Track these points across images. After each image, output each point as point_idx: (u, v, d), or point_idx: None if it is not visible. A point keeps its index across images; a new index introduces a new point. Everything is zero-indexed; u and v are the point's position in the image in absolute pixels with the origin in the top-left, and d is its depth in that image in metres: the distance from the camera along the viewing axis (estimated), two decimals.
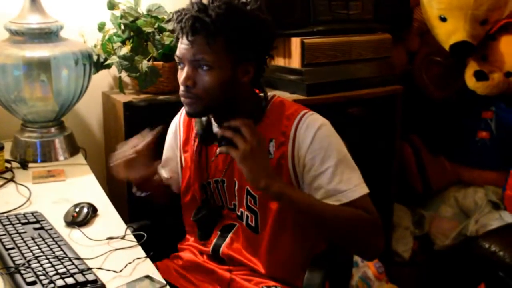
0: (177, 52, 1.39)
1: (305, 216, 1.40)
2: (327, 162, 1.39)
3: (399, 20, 2.60)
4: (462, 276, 2.45)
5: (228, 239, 1.54)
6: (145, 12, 2.18)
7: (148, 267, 1.27)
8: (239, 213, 1.52)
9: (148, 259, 1.30)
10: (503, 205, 2.55)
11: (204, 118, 1.50)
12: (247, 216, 1.50)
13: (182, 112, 1.64)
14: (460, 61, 2.69)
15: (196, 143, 1.56)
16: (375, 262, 2.32)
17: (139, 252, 1.34)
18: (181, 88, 1.39)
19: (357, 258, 2.26)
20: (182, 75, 1.38)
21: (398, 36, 2.68)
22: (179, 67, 1.41)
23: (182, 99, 1.40)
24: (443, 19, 2.53)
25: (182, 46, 1.37)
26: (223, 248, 1.54)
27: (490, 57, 2.59)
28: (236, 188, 1.50)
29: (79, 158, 2.04)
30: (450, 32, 2.52)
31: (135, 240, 1.40)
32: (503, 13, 2.61)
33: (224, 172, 1.51)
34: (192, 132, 1.59)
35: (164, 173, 1.65)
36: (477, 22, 2.50)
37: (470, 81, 2.58)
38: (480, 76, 2.54)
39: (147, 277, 1.19)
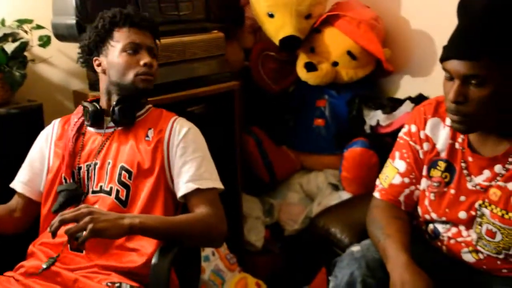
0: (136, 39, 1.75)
1: (162, 232, 1.57)
2: (197, 152, 1.73)
3: (232, 18, 2.69)
4: (311, 257, 2.59)
5: None
6: None
7: None
8: (107, 189, 1.68)
9: None
10: (341, 185, 2.72)
11: (96, 104, 1.79)
12: (118, 190, 1.68)
13: (57, 120, 1.87)
14: (293, 55, 2.83)
15: (73, 132, 1.77)
16: (226, 253, 2.39)
17: None
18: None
19: (208, 252, 2.32)
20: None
21: (232, 34, 2.77)
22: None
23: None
24: (271, 16, 2.66)
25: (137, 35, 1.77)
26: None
27: (317, 49, 2.75)
28: (109, 167, 1.71)
29: None
30: (278, 27, 2.65)
31: None
32: (325, 8, 2.78)
33: (98, 155, 1.73)
34: (67, 127, 1.80)
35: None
36: (302, 17, 2.65)
37: (301, 72, 2.72)
38: (310, 67, 2.69)
39: None
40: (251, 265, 2.69)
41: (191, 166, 1.71)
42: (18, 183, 1.81)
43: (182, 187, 1.69)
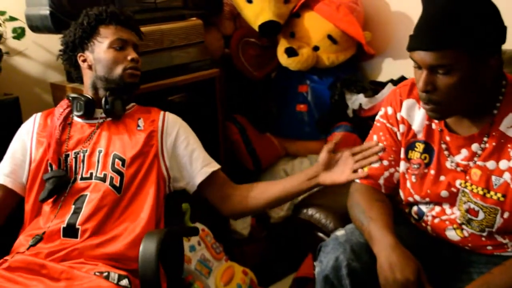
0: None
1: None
2: (196, 141, 1.89)
3: (210, 5, 2.65)
4: (297, 244, 2.58)
5: (85, 210, 1.67)
6: None
7: None
8: (101, 175, 1.73)
9: None
10: None
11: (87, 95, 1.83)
12: (112, 177, 1.72)
13: (38, 114, 1.88)
14: (273, 40, 2.80)
15: (60, 121, 1.79)
16: (212, 243, 2.37)
17: None
18: None
19: (194, 242, 2.30)
20: None
21: (211, 21, 2.73)
22: None
23: None
24: (249, 1, 2.63)
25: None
26: (80, 219, 1.66)
27: (298, 34, 2.73)
28: (101, 155, 1.76)
29: None
30: (257, 13, 2.62)
31: None
32: None
33: (87, 143, 1.77)
34: (52, 117, 1.82)
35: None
36: (281, 2, 2.63)
37: (282, 58, 2.70)
38: (290, 52, 2.66)
39: None
40: (238, 253, 2.68)
41: (199, 153, 1.86)
42: (0, 175, 1.79)
43: (199, 174, 1.85)
